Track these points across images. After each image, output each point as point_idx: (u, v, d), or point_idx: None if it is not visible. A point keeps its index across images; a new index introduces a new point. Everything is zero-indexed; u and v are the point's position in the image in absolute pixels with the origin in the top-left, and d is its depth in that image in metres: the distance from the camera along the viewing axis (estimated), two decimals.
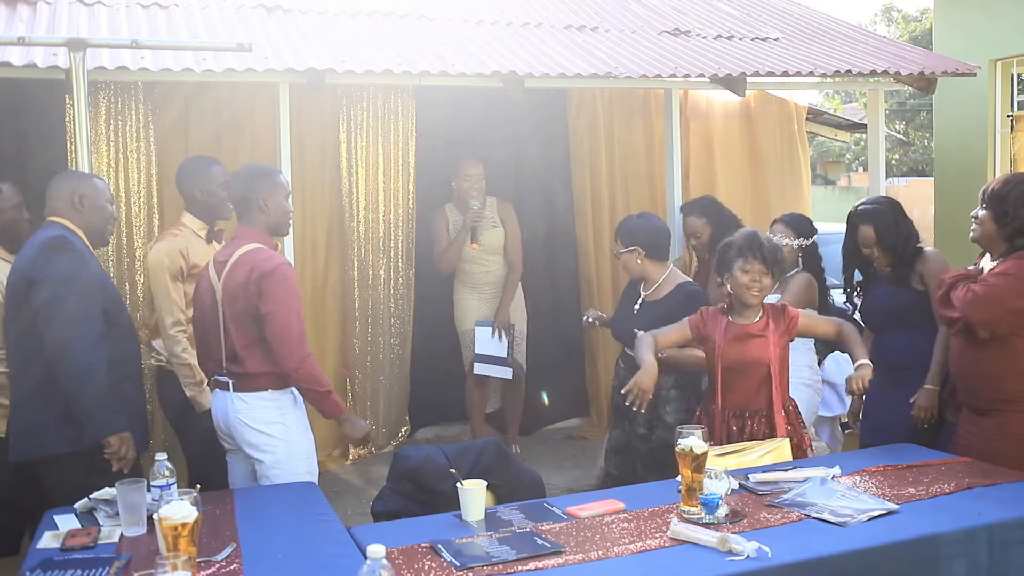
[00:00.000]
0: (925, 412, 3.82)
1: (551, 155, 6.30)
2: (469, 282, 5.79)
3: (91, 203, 3.43)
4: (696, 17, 6.64)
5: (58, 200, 3.41)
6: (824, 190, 20.91)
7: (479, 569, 2.45)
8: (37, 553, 2.62)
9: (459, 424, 6.41)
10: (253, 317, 3.31)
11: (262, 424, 3.37)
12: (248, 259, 3.35)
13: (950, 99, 7.06)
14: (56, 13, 4.86)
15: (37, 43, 4.12)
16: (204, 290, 3.52)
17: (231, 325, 3.37)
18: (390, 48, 5.08)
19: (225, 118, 5.30)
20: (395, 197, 5.77)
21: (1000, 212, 3.41)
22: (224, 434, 3.50)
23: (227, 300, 3.37)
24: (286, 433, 3.40)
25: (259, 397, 3.38)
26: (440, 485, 3.46)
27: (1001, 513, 2.79)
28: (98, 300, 3.27)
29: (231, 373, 3.40)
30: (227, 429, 3.45)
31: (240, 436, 3.40)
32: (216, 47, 4.47)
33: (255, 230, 3.45)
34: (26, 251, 3.34)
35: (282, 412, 3.41)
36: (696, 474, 2.83)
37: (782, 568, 2.46)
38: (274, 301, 3.28)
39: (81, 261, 3.28)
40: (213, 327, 3.44)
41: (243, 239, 3.44)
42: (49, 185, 3.46)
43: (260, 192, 3.44)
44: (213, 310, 3.44)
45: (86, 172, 3.74)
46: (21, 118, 5.07)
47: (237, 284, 3.33)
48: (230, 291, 3.36)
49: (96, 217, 3.46)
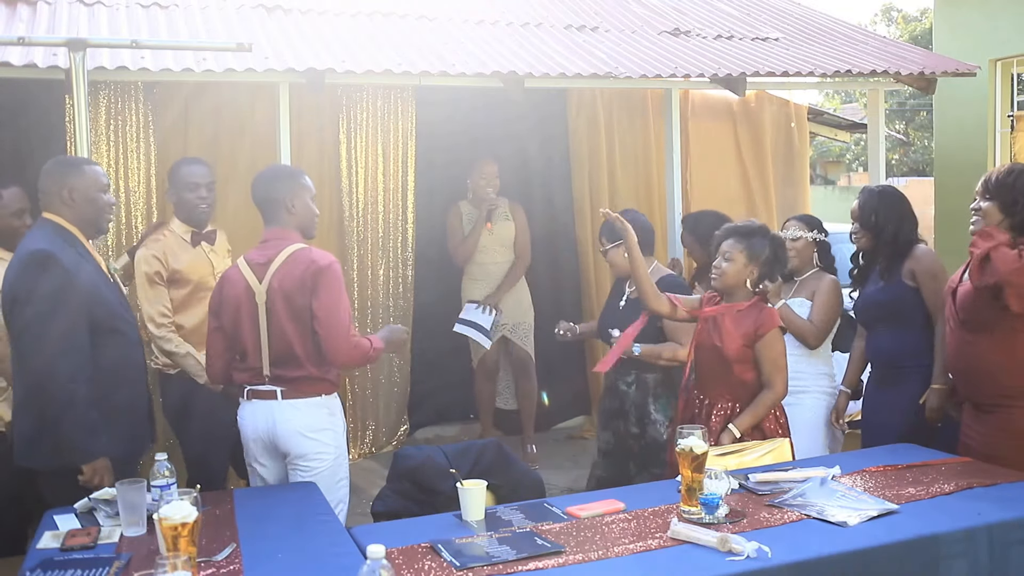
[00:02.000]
0: (937, 413, 3.79)
1: (551, 155, 6.31)
2: (478, 275, 5.81)
3: (82, 195, 3.23)
4: (696, 17, 6.64)
5: (49, 195, 3.23)
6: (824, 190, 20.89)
7: (479, 569, 2.45)
8: (37, 553, 2.62)
9: (459, 424, 6.41)
10: (307, 317, 3.24)
11: (314, 431, 3.29)
12: (302, 256, 3.27)
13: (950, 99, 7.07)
14: (56, 13, 4.87)
15: (37, 43, 4.12)
16: (235, 296, 3.33)
17: (288, 326, 3.25)
18: (390, 48, 5.08)
19: (225, 118, 5.30)
20: (395, 197, 5.77)
21: (1009, 201, 3.33)
22: (264, 448, 3.36)
23: (280, 301, 3.26)
24: (335, 439, 3.36)
25: (311, 404, 3.30)
26: (440, 485, 3.47)
27: (1001, 513, 2.78)
28: (83, 318, 3.10)
29: (280, 380, 3.29)
30: (271, 441, 3.32)
31: (289, 446, 3.29)
32: (216, 47, 4.47)
33: (288, 231, 3.37)
34: (14, 261, 3.17)
35: (332, 418, 3.36)
36: (696, 474, 2.83)
37: (782, 568, 2.45)
38: (328, 295, 3.23)
39: (65, 277, 3.07)
40: (251, 334, 3.30)
41: (283, 240, 3.34)
42: (41, 175, 3.28)
43: (285, 193, 3.37)
44: (252, 316, 3.30)
45: (78, 159, 3.53)
46: (21, 118, 5.06)
47: (295, 281, 3.24)
48: (286, 290, 3.25)
49: (88, 209, 3.26)
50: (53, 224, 3.22)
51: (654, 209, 6.20)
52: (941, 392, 3.79)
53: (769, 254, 3.57)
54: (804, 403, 4.14)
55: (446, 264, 6.17)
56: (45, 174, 3.27)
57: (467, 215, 5.80)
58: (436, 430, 6.38)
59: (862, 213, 4.01)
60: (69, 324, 3.07)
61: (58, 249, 3.12)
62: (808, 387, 4.16)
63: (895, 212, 3.99)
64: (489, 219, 5.71)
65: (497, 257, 5.80)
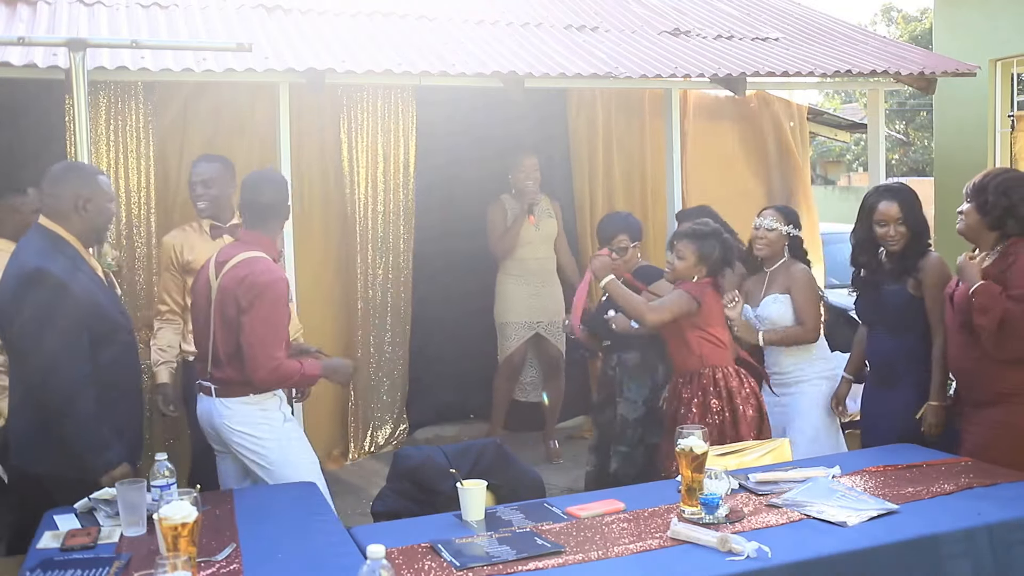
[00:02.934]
0: (935, 429, 3.78)
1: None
2: (517, 271, 5.79)
3: (95, 206, 3.18)
4: (696, 17, 6.64)
5: (60, 201, 3.14)
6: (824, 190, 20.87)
7: (479, 569, 2.45)
8: (37, 553, 2.62)
9: (459, 424, 6.41)
10: (237, 324, 3.29)
11: (247, 427, 3.37)
12: (247, 266, 3.31)
13: (950, 99, 7.07)
14: (56, 13, 4.86)
15: (37, 43, 4.12)
16: (200, 288, 3.49)
17: (218, 329, 3.35)
18: (390, 48, 5.08)
19: (225, 118, 5.30)
20: (395, 197, 5.77)
21: (981, 202, 3.47)
22: (212, 438, 3.49)
23: (218, 303, 3.35)
24: (272, 432, 3.39)
25: (241, 402, 3.37)
26: (440, 485, 3.46)
27: (1001, 513, 2.79)
28: (81, 331, 3.04)
29: (213, 379, 3.39)
30: (213, 433, 3.45)
31: (229, 439, 3.39)
32: (216, 47, 4.47)
33: (265, 237, 3.43)
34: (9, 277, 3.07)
35: (266, 412, 3.40)
36: (696, 474, 2.83)
37: (782, 568, 2.46)
38: (255, 313, 3.25)
39: (59, 294, 3.00)
40: (203, 327, 3.44)
41: (248, 244, 3.41)
42: (49, 179, 3.19)
43: (277, 198, 3.46)
44: (206, 310, 3.42)
45: (89, 167, 3.48)
46: (21, 118, 5.06)
47: (228, 289, 3.31)
48: (223, 294, 3.33)
49: (99, 220, 3.22)
50: (46, 232, 3.14)
51: (655, 209, 6.21)
52: (939, 409, 3.77)
53: (718, 255, 3.88)
54: (805, 391, 4.16)
55: (446, 263, 6.18)
56: (56, 180, 3.19)
57: (511, 209, 5.76)
58: (436, 430, 6.38)
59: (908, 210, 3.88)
60: (66, 341, 3.01)
61: (50, 262, 3.05)
62: (806, 375, 4.18)
63: (922, 210, 3.98)
64: (531, 212, 5.69)
65: (538, 253, 5.78)
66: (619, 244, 4.36)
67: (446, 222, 6.15)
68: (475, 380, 6.37)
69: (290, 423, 3.49)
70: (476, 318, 6.14)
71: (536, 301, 5.76)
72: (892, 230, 3.88)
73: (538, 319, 5.77)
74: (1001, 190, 3.43)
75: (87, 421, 3.02)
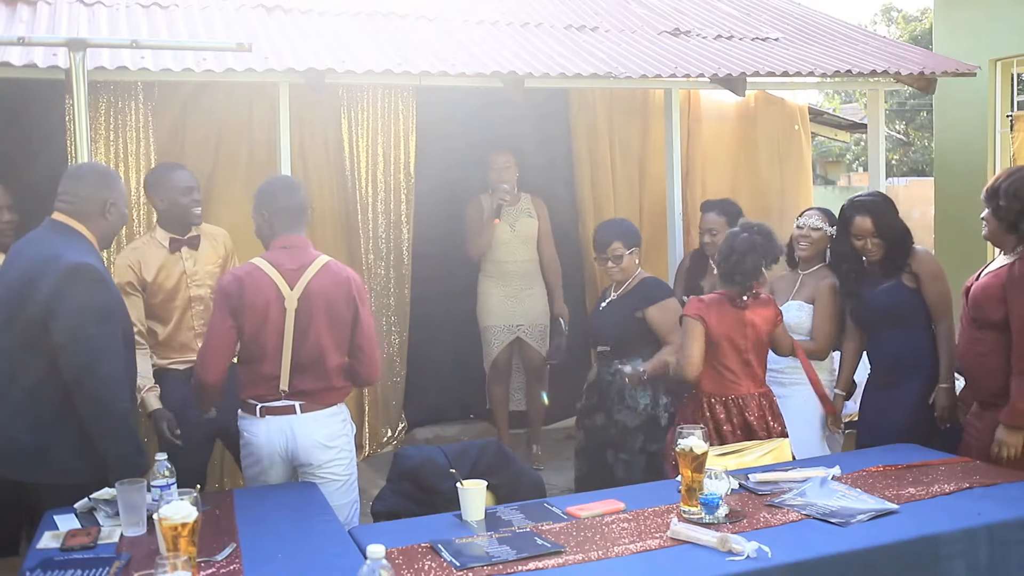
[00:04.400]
0: (948, 412, 3.80)
1: (552, 155, 6.30)
2: (495, 273, 5.75)
3: (118, 212, 3.22)
4: (696, 17, 6.64)
5: (87, 203, 3.14)
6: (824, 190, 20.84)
7: (479, 569, 2.45)
8: (37, 553, 2.62)
9: (459, 424, 6.41)
10: (353, 325, 3.26)
11: (333, 440, 3.32)
12: (339, 268, 3.33)
13: (950, 99, 7.05)
14: (56, 13, 4.86)
15: (37, 43, 4.11)
16: (262, 301, 3.25)
17: (325, 337, 3.24)
18: (390, 48, 5.08)
19: (225, 118, 5.29)
20: (395, 197, 5.77)
21: (995, 207, 3.48)
22: (281, 462, 3.32)
23: (318, 310, 3.23)
24: (350, 444, 3.39)
25: (329, 414, 3.31)
26: (440, 485, 3.46)
27: (1001, 513, 2.79)
28: (119, 330, 3.08)
29: (299, 392, 3.26)
30: (289, 455, 3.30)
31: (310, 457, 3.28)
32: (216, 47, 4.47)
33: (306, 239, 3.41)
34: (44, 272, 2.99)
35: (346, 424, 3.38)
36: (696, 474, 2.83)
37: (782, 568, 2.46)
38: (368, 310, 3.29)
39: (104, 290, 3.04)
40: (273, 340, 3.24)
41: (307, 248, 3.37)
42: (72, 178, 3.20)
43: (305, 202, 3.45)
44: (278, 323, 3.24)
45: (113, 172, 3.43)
46: (21, 118, 5.06)
47: (339, 292, 3.25)
48: (329, 300, 3.24)
49: (118, 224, 3.26)
50: (68, 229, 3.14)
51: (655, 209, 6.20)
52: (949, 391, 3.80)
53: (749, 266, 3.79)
54: (799, 395, 4.15)
55: (445, 263, 6.17)
56: (81, 180, 3.19)
57: (487, 209, 5.70)
58: (436, 430, 6.37)
59: (881, 223, 3.94)
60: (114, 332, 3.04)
61: (90, 258, 3.07)
62: (804, 379, 4.16)
63: (897, 217, 4.01)
64: (497, 215, 5.59)
65: (516, 255, 5.71)
66: (614, 252, 4.28)
67: (446, 222, 6.15)
68: (475, 380, 6.37)
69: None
70: (476, 317, 6.15)
71: (515, 304, 5.71)
72: (868, 243, 3.98)
73: (518, 323, 5.72)
74: (1011, 192, 3.43)
75: (129, 417, 3.05)
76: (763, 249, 3.76)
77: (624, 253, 4.30)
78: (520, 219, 5.72)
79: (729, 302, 3.75)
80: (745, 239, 3.77)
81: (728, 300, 3.75)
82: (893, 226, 3.96)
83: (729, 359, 3.73)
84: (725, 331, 3.71)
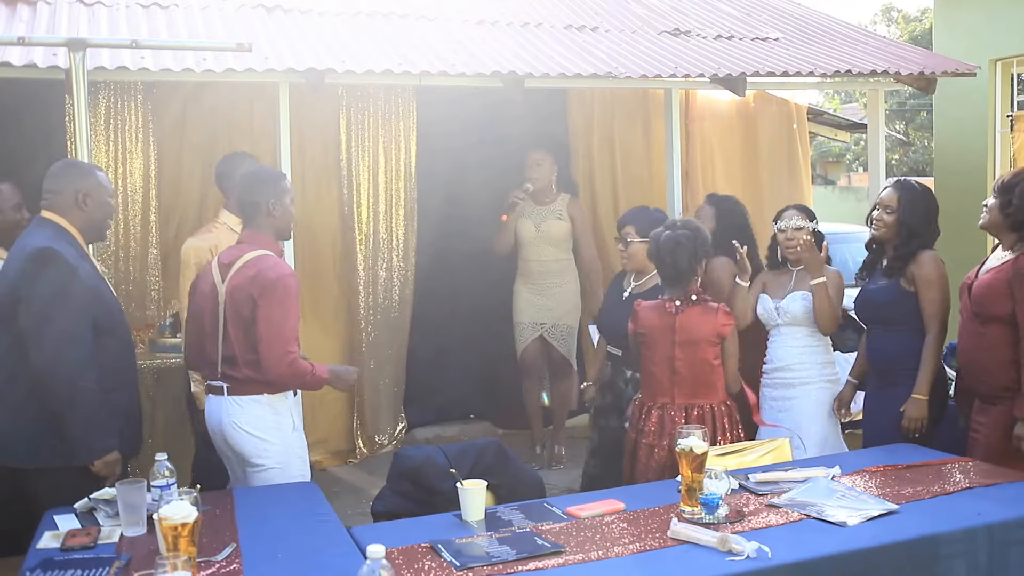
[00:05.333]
0: (915, 423, 3.76)
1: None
2: (523, 271, 5.77)
3: (95, 201, 3.28)
4: (696, 17, 6.64)
5: (61, 196, 3.24)
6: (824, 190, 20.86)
7: (479, 569, 2.45)
8: (37, 553, 2.62)
9: (459, 424, 6.41)
10: (251, 322, 3.28)
11: (258, 429, 3.32)
12: (255, 264, 3.31)
13: (950, 99, 7.05)
14: (56, 13, 4.86)
15: (37, 43, 4.12)
16: (205, 291, 3.44)
17: (232, 330, 3.32)
18: (390, 48, 5.08)
19: (225, 118, 5.30)
20: (395, 197, 5.77)
21: (1005, 201, 3.49)
22: (222, 441, 3.42)
23: (230, 303, 3.33)
24: (282, 438, 3.37)
25: (254, 401, 3.33)
26: (440, 485, 3.46)
27: (1001, 513, 2.79)
28: (88, 315, 3.12)
29: (226, 377, 3.35)
30: (221, 435, 3.39)
31: (235, 442, 3.34)
32: (216, 47, 4.47)
33: (262, 234, 3.42)
34: (13, 260, 3.16)
35: (278, 417, 3.37)
36: (696, 474, 2.83)
37: (782, 568, 2.46)
38: (268, 308, 3.25)
39: (70, 275, 3.10)
40: (211, 330, 3.39)
41: (250, 244, 3.40)
42: (50, 176, 3.29)
43: (269, 196, 3.41)
44: (214, 313, 3.38)
45: (88, 164, 3.56)
46: (21, 118, 5.06)
47: (241, 288, 3.29)
48: (234, 295, 3.31)
49: (98, 214, 3.30)
50: (53, 224, 3.23)
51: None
52: (921, 403, 3.76)
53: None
54: (811, 395, 4.15)
55: (446, 263, 6.17)
56: (56, 176, 3.29)
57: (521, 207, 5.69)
58: (436, 430, 6.37)
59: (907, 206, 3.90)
60: (75, 320, 3.09)
61: (61, 247, 3.14)
62: (812, 377, 4.16)
63: (925, 214, 3.95)
64: (508, 211, 5.60)
65: (542, 255, 5.69)
66: (624, 235, 4.31)
67: (446, 222, 6.15)
68: (476, 380, 6.39)
69: (297, 433, 3.44)
70: (476, 317, 6.15)
71: (540, 302, 5.71)
72: (884, 216, 3.94)
73: (541, 321, 5.72)
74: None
75: (90, 403, 3.06)
76: (690, 243, 3.70)
77: (634, 240, 4.27)
78: (547, 220, 5.67)
79: (663, 307, 3.73)
80: (669, 236, 3.73)
81: (663, 305, 3.73)
82: (916, 212, 3.92)
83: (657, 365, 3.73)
84: (656, 337, 3.72)
